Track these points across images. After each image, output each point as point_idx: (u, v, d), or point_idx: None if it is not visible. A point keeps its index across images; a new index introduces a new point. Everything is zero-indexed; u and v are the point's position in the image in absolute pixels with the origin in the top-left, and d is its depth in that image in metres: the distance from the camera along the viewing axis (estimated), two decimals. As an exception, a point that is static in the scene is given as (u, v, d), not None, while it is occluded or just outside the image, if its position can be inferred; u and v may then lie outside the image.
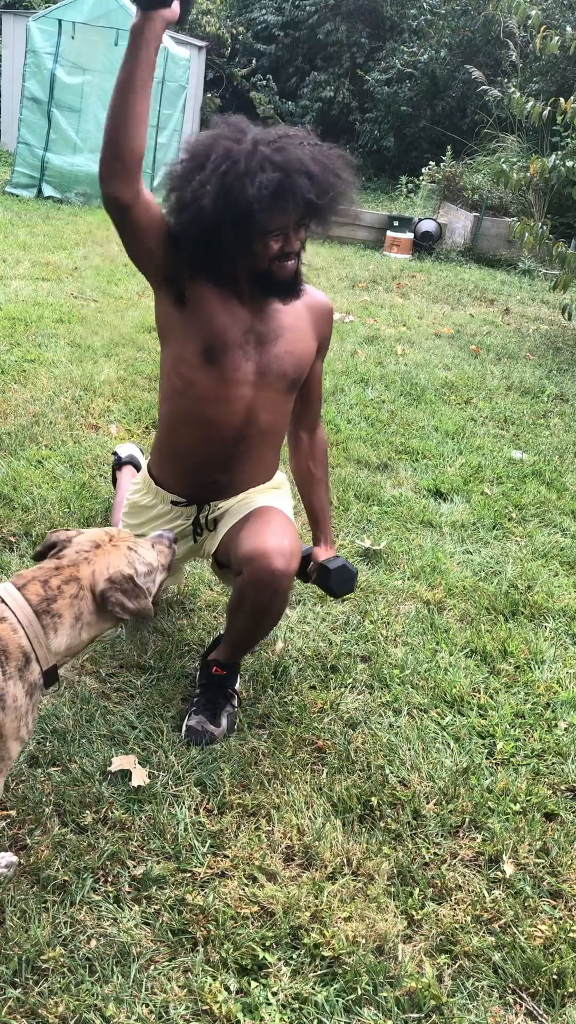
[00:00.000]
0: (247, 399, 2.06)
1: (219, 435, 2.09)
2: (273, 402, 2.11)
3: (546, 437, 4.34)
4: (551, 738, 2.22)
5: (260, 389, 2.07)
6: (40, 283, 5.97)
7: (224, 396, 2.05)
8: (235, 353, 2.02)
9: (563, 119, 6.18)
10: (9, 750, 1.48)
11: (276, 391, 2.09)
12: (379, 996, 1.53)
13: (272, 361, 2.06)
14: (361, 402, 4.45)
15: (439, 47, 13.11)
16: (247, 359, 2.03)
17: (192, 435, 2.11)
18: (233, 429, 2.08)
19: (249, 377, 2.05)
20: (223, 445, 2.11)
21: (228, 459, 2.13)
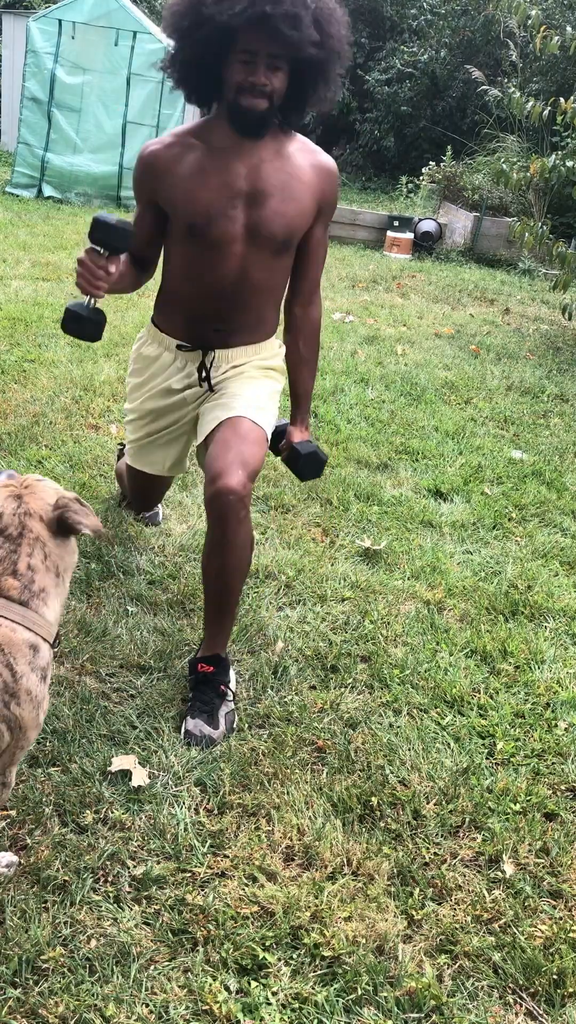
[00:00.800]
0: (238, 257, 2.17)
1: (215, 289, 2.21)
2: (264, 261, 2.19)
3: (546, 437, 4.34)
4: (551, 738, 2.22)
5: (250, 248, 2.16)
6: (40, 283, 5.97)
7: (215, 258, 2.17)
8: (221, 220, 2.12)
9: (563, 119, 6.18)
10: (29, 739, 1.52)
11: (266, 251, 2.17)
12: (379, 996, 1.53)
13: (261, 221, 2.13)
14: (361, 402, 4.45)
15: (439, 47, 13.10)
16: (235, 222, 2.13)
17: (190, 289, 2.26)
18: (228, 283, 2.20)
19: (238, 236, 2.14)
20: (220, 298, 2.22)
21: (226, 310, 2.25)
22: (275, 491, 3.32)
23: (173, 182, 2.13)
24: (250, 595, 2.64)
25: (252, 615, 2.54)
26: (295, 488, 3.37)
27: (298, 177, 2.15)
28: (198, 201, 2.11)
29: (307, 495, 3.34)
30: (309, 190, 2.17)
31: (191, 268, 2.22)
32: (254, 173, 2.12)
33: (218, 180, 2.11)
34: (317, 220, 2.24)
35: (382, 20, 14.01)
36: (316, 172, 2.19)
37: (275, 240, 2.16)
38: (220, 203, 2.11)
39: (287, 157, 2.16)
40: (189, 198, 2.12)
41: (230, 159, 2.11)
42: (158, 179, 2.16)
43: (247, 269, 2.18)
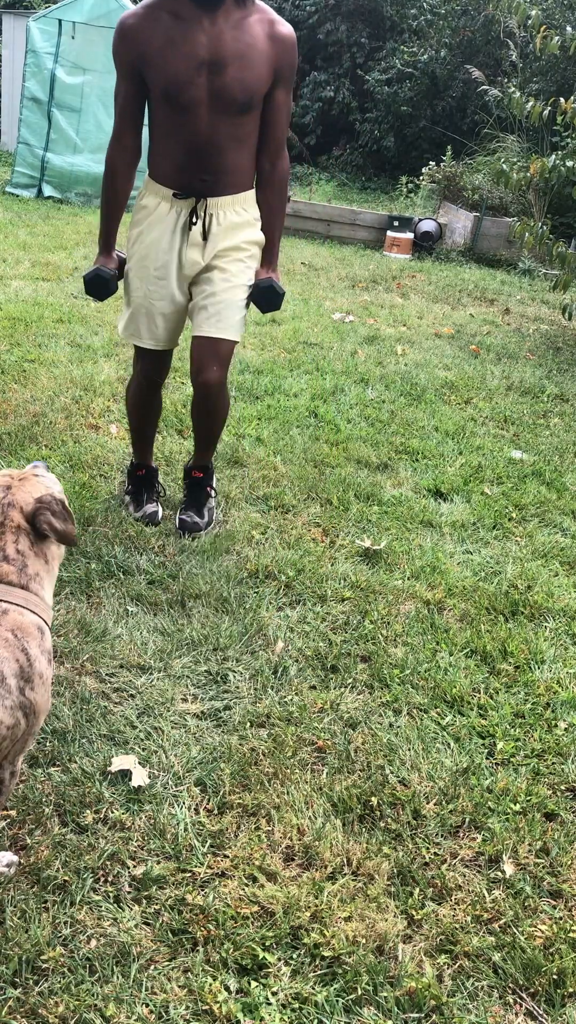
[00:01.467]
0: (205, 117, 2.50)
1: (192, 141, 2.54)
2: (229, 119, 2.51)
3: (546, 437, 4.34)
4: (551, 738, 2.22)
5: (215, 110, 2.49)
6: (40, 283, 5.97)
7: (187, 117, 2.50)
8: (188, 87, 2.45)
9: (563, 119, 6.18)
10: (40, 723, 1.54)
11: (230, 111, 2.49)
12: (379, 996, 1.53)
13: (222, 87, 2.45)
14: (361, 402, 4.45)
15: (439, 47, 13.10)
16: (200, 89, 2.45)
17: (172, 143, 2.58)
18: (202, 137, 2.53)
19: (203, 100, 2.47)
20: (197, 149, 2.56)
21: (206, 160, 2.57)
22: (275, 491, 3.32)
23: (147, 50, 2.43)
24: (250, 595, 2.64)
25: (252, 615, 2.54)
26: (295, 488, 3.37)
27: (255, 46, 2.44)
28: (167, 69, 2.43)
29: (307, 495, 3.35)
30: (266, 58, 2.46)
31: (169, 126, 2.54)
32: (215, 43, 2.41)
33: (184, 50, 2.41)
34: (277, 85, 2.54)
35: (382, 20, 14.01)
36: (272, 41, 2.47)
37: (236, 103, 2.47)
38: (187, 71, 2.41)
39: (246, 27, 2.44)
40: (160, 66, 2.43)
41: (193, 30, 2.40)
42: (136, 46, 2.45)
43: (215, 125, 2.50)
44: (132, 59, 2.48)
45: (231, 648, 2.39)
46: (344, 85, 13.89)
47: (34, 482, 1.64)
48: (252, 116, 2.56)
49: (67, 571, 2.63)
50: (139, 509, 3.00)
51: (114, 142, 2.66)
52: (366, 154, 14.33)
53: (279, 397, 4.35)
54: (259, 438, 3.81)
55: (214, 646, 2.40)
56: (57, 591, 2.53)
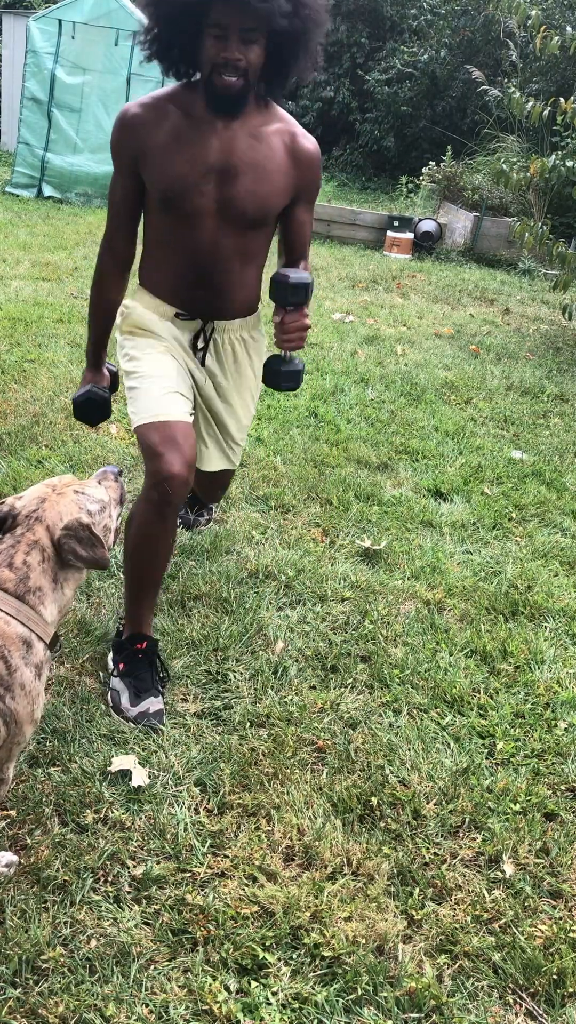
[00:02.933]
0: (211, 230, 2.16)
1: (194, 256, 2.20)
2: (238, 234, 2.18)
3: (546, 437, 4.34)
4: (551, 738, 2.22)
5: (222, 222, 2.15)
6: (40, 283, 5.97)
7: (190, 228, 2.16)
8: (193, 195, 2.10)
9: (563, 119, 6.18)
10: (24, 734, 1.52)
11: (238, 227, 2.16)
12: (379, 996, 1.53)
13: (231, 199, 2.12)
14: (361, 402, 4.45)
15: (439, 47, 13.09)
16: (206, 197, 2.11)
17: (170, 257, 2.24)
18: (205, 252, 2.19)
19: (210, 210, 2.13)
20: (200, 265, 2.21)
21: (209, 277, 2.23)
22: (275, 491, 3.32)
23: (150, 147, 2.11)
24: (250, 595, 2.64)
25: (252, 615, 2.54)
26: (295, 488, 3.37)
27: (273, 158, 2.13)
28: (171, 171, 2.10)
29: (307, 495, 3.35)
30: (284, 173, 2.15)
31: (167, 237, 2.21)
32: (228, 148, 2.09)
33: (192, 152, 2.09)
34: (297, 203, 2.23)
35: (382, 20, 14.00)
36: (293, 156, 2.16)
37: (246, 217, 2.15)
38: (192, 176, 2.09)
39: (264, 136, 2.13)
40: (163, 167, 2.10)
41: (205, 131, 2.09)
42: (137, 141, 2.12)
43: (222, 240, 2.18)
44: (131, 154, 2.13)
45: (231, 648, 2.39)
46: (344, 85, 13.88)
47: (69, 500, 1.60)
48: (263, 232, 2.24)
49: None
50: (137, 703, 2.11)
51: (105, 245, 2.29)
52: (366, 154, 14.33)
53: (279, 397, 4.35)
54: (259, 438, 3.81)
55: (214, 646, 2.40)
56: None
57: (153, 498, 2.09)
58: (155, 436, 2.10)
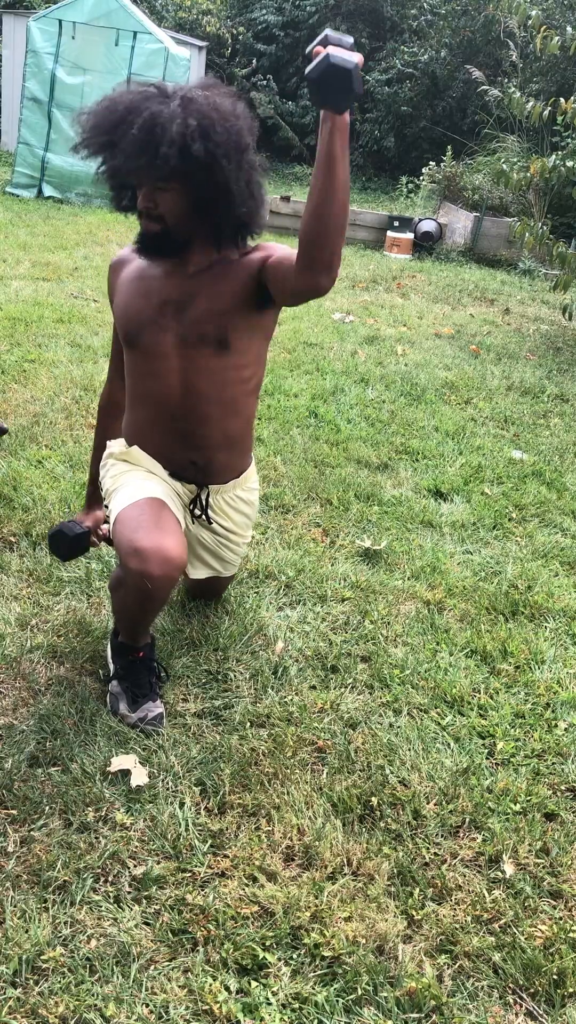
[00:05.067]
0: (177, 370, 2.05)
1: (166, 411, 2.09)
2: (206, 366, 2.04)
3: (546, 437, 4.34)
4: (551, 738, 2.22)
5: (186, 357, 2.03)
6: (40, 283, 5.97)
7: (155, 371, 2.06)
8: (152, 330, 2.03)
9: (563, 119, 6.18)
10: None
11: (204, 354, 2.03)
12: (379, 996, 1.53)
13: (190, 325, 2.01)
14: (361, 402, 4.45)
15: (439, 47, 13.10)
16: (165, 331, 2.03)
17: (144, 414, 2.13)
18: (175, 402, 2.07)
19: (172, 348, 2.03)
20: (174, 421, 2.09)
21: (187, 435, 2.11)
22: (275, 491, 3.32)
23: (119, 289, 2.14)
24: (250, 595, 2.64)
25: (252, 615, 2.54)
26: (295, 488, 3.37)
27: (229, 281, 2.01)
28: (131, 310, 2.07)
29: (307, 495, 3.35)
30: (242, 286, 2.01)
31: (138, 385, 2.12)
32: (183, 283, 2.03)
33: (149, 288, 2.06)
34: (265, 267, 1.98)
35: (382, 20, 14.01)
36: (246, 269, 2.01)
37: (208, 339, 2.02)
38: (149, 312, 2.04)
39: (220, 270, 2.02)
40: (125, 307, 2.09)
41: (164, 271, 2.06)
42: (113, 284, 2.17)
43: (191, 381, 2.05)
44: (111, 297, 2.18)
45: (231, 648, 2.39)
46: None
47: None
48: (235, 356, 2.05)
49: (67, 571, 2.63)
50: (135, 708, 2.09)
51: (104, 391, 2.33)
52: (366, 154, 14.34)
53: (279, 397, 4.35)
54: (259, 438, 3.81)
55: (214, 646, 2.40)
56: (57, 591, 2.54)
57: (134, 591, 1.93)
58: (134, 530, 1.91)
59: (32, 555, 2.69)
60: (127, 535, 1.90)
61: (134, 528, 1.91)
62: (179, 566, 1.90)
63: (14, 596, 2.50)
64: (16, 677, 2.19)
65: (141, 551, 1.86)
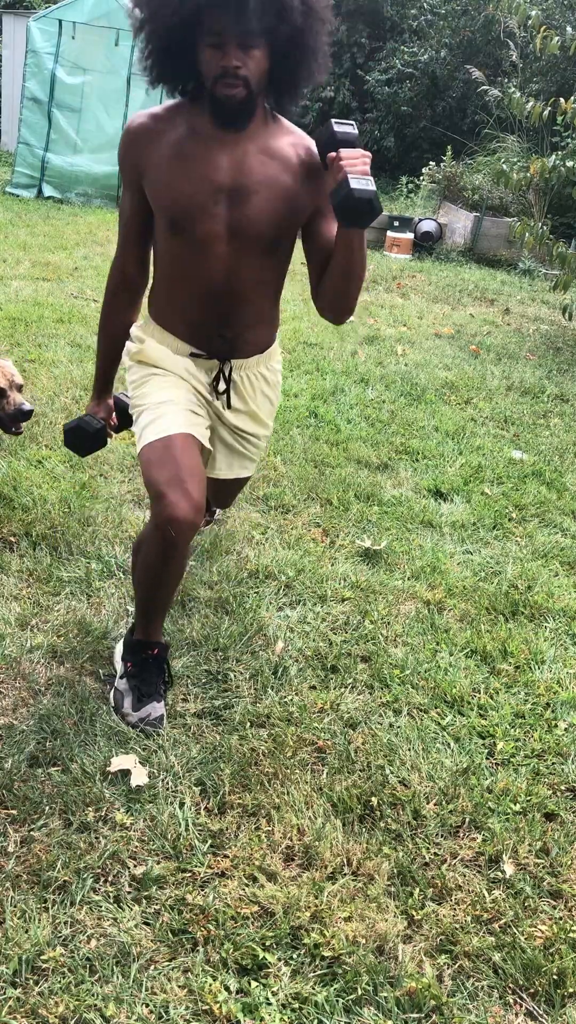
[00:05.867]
0: (224, 257, 2.00)
1: (207, 289, 2.04)
2: (253, 260, 2.02)
3: (546, 437, 4.34)
4: (551, 738, 2.22)
5: (235, 248, 1.99)
6: (40, 283, 5.97)
7: (200, 257, 2.01)
8: (203, 219, 1.96)
9: (563, 119, 6.18)
10: None
11: (255, 252, 2.01)
12: (379, 996, 1.53)
13: (244, 220, 1.96)
14: (361, 402, 4.45)
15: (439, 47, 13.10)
16: (217, 222, 1.96)
17: (181, 289, 2.09)
18: (218, 285, 2.03)
19: (222, 238, 1.98)
20: (215, 297, 2.05)
21: (225, 311, 2.08)
22: (275, 491, 3.32)
23: (152, 163, 1.97)
24: (250, 595, 2.64)
25: (252, 615, 2.54)
26: (295, 488, 3.37)
27: (287, 174, 1.96)
28: (178, 193, 1.95)
29: (307, 495, 3.35)
30: (300, 188, 1.97)
31: (177, 266, 2.05)
32: (238, 166, 1.94)
33: (199, 172, 1.94)
34: (319, 217, 2.01)
35: (382, 20, 14.00)
36: (305, 168, 1.98)
37: (262, 240, 1.99)
38: (201, 198, 1.94)
39: (276, 151, 1.97)
40: (169, 188, 1.96)
41: (213, 149, 1.94)
42: (140, 154, 1.99)
43: (235, 269, 2.01)
44: (136, 168, 2.01)
45: (231, 648, 2.39)
46: (344, 85, 13.89)
47: None
48: (279, 257, 2.06)
49: (67, 571, 2.63)
50: (139, 707, 2.10)
51: (116, 267, 2.18)
52: (366, 154, 14.32)
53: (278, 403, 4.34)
54: (259, 438, 3.81)
55: (214, 646, 2.40)
56: (57, 591, 2.54)
57: (157, 539, 1.97)
58: (159, 473, 1.96)
59: (32, 555, 2.69)
60: (153, 478, 1.97)
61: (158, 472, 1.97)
62: (200, 510, 1.97)
63: (14, 596, 2.50)
64: (16, 677, 2.19)
65: (165, 496, 1.93)
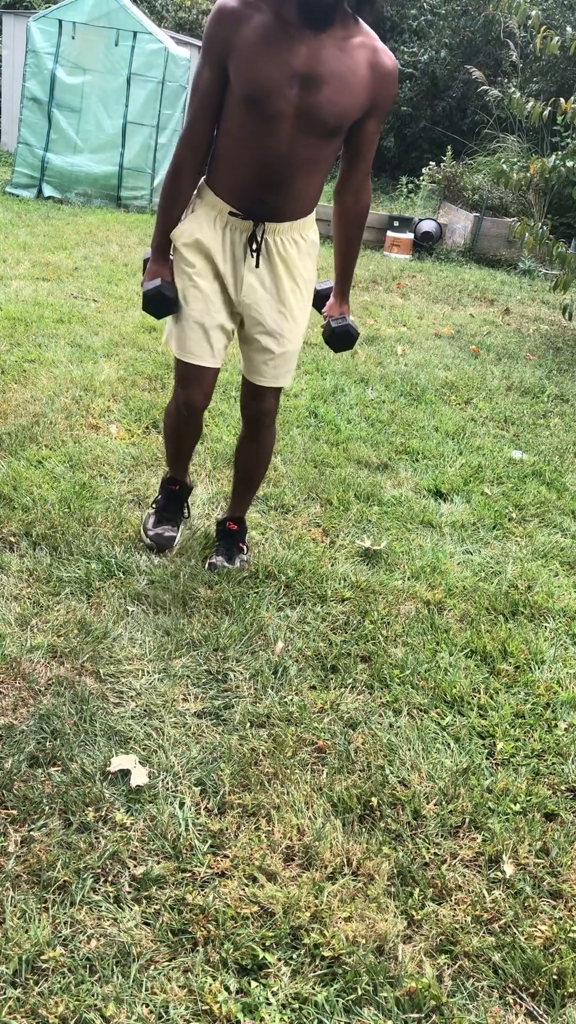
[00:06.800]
0: (288, 134, 2.25)
1: (263, 159, 2.29)
2: (312, 141, 2.27)
3: (546, 437, 4.34)
4: (551, 738, 2.22)
5: (300, 128, 2.24)
6: (40, 283, 5.97)
7: (266, 131, 2.25)
8: (276, 97, 2.19)
9: (563, 119, 6.19)
10: None
11: (315, 134, 2.26)
12: (379, 996, 1.53)
13: (313, 106, 2.20)
14: (361, 402, 4.45)
15: (439, 47, 13.11)
16: (288, 102, 2.20)
17: (240, 155, 2.33)
18: (277, 156, 2.28)
19: (289, 116, 2.22)
20: (267, 168, 2.31)
21: (275, 181, 2.33)
22: (275, 491, 3.32)
23: (240, 43, 2.20)
24: (250, 595, 2.64)
25: (252, 615, 2.54)
26: (295, 488, 3.37)
27: (354, 71, 2.21)
28: (258, 72, 2.18)
29: (307, 495, 3.35)
30: (364, 86, 2.23)
31: (242, 136, 2.29)
32: (314, 56, 2.18)
33: (279, 55, 2.17)
34: (370, 115, 2.31)
35: (382, 20, 14.00)
36: (373, 70, 2.23)
37: (325, 125, 2.24)
38: (277, 79, 2.17)
39: (348, 49, 2.20)
40: (251, 66, 2.19)
41: (294, 37, 2.17)
42: (229, 34, 2.21)
43: (295, 145, 2.26)
44: (222, 47, 2.22)
45: (231, 648, 2.39)
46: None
47: None
48: (335, 142, 2.33)
49: (67, 571, 2.63)
50: (156, 526, 2.81)
51: (185, 140, 2.38)
52: (366, 154, 14.33)
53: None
54: (259, 438, 3.81)
55: (214, 646, 2.40)
56: (57, 591, 2.54)
57: (178, 409, 2.65)
58: (184, 371, 2.56)
59: (32, 555, 2.69)
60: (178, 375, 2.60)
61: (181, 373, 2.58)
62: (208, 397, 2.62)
63: (14, 596, 2.50)
64: (16, 677, 2.19)
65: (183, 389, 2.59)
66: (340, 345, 2.73)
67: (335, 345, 2.74)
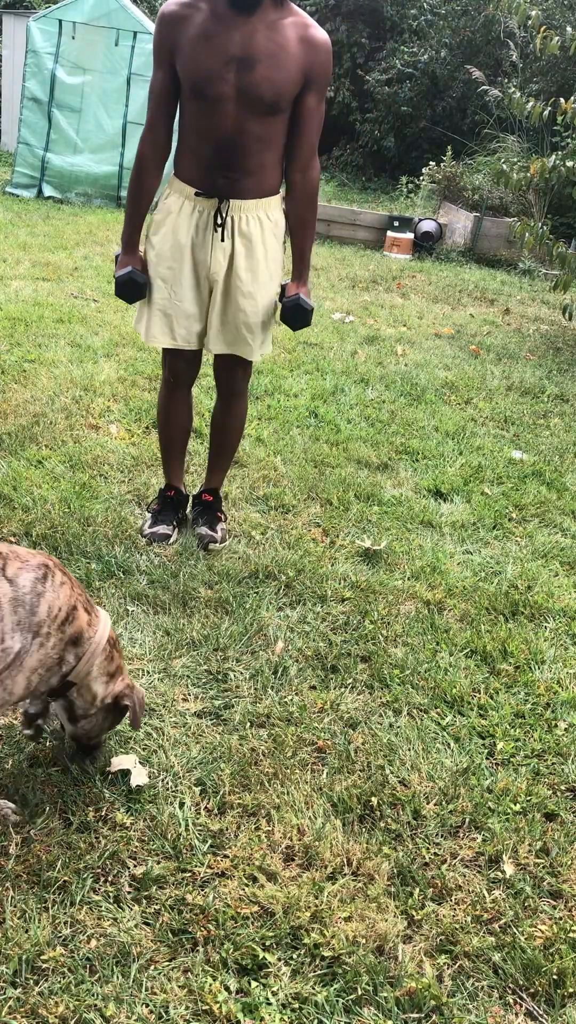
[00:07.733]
0: (232, 114, 2.46)
1: (216, 137, 2.50)
2: (256, 118, 2.47)
3: (546, 437, 4.34)
4: (551, 738, 2.22)
5: (242, 107, 2.45)
6: (40, 283, 5.97)
7: (213, 114, 2.47)
8: (216, 81, 2.42)
9: (563, 119, 6.18)
10: None
11: (257, 112, 2.46)
12: (379, 996, 1.53)
13: (250, 85, 2.42)
14: (361, 402, 4.45)
15: (439, 47, 13.10)
16: (227, 84, 2.43)
17: (197, 140, 2.55)
18: (227, 132, 2.49)
19: (231, 96, 2.44)
20: (221, 146, 2.51)
21: (229, 157, 2.52)
22: (275, 491, 3.32)
23: (181, 41, 2.44)
24: (250, 595, 2.64)
25: (252, 615, 2.54)
26: (295, 488, 3.37)
27: (286, 47, 2.42)
28: (199, 63, 2.42)
29: (307, 495, 3.35)
30: (297, 60, 2.43)
31: (195, 123, 2.52)
32: (247, 40, 2.40)
33: (216, 45, 2.41)
34: (308, 89, 2.49)
35: (382, 20, 14.00)
36: (304, 44, 2.44)
37: (263, 101, 2.43)
38: (216, 66, 2.41)
39: (279, 29, 2.42)
40: (192, 59, 2.43)
41: (228, 26, 2.40)
42: (173, 35, 2.45)
43: (241, 123, 2.47)
44: (168, 48, 2.47)
45: (231, 648, 2.39)
46: (344, 85, 13.88)
47: None
48: (279, 119, 2.51)
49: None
50: (152, 526, 2.92)
51: (146, 134, 2.61)
52: (366, 154, 14.33)
53: (279, 397, 4.35)
54: (259, 438, 3.81)
55: (214, 646, 2.40)
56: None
57: (166, 379, 2.88)
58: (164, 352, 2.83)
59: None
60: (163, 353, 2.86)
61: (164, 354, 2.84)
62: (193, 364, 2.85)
63: (14, 596, 2.50)
64: (16, 677, 2.19)
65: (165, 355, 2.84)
66: (295, 320, 2.76)
67: (290, 322, 2.77)
